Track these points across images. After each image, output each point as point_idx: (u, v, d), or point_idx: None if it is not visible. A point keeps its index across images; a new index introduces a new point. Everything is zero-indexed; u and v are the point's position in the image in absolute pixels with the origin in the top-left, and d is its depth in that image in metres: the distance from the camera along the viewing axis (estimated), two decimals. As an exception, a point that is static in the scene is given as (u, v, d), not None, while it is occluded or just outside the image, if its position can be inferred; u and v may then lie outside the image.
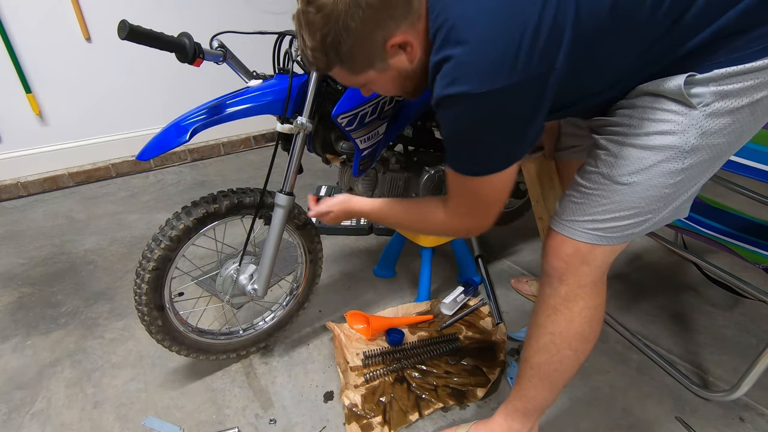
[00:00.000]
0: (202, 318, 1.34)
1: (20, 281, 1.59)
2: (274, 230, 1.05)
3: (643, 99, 0.66)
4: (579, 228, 0.74)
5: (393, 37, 0.64)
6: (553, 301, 0.79)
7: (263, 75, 1.02)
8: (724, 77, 0.59)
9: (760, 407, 1.11)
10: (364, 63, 0.68)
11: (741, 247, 1.18)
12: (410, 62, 0.68)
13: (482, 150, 0.67)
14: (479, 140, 0.65)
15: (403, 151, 1.31)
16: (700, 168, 0.66)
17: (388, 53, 0.66)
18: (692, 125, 0.62)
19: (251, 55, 1.42)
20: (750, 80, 0.58)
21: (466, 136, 0.66)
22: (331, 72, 0.71)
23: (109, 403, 1.13)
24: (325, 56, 0.66)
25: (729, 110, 0.61)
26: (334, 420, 1.08)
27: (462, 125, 0.64)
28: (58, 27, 2.10)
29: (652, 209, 0.70)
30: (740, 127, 0.63)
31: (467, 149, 0.68)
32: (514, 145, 0.66)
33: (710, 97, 0.60)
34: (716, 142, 0.63)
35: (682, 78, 0.60)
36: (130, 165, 2.48)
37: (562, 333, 0.79)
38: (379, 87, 0.75)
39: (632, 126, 0.66)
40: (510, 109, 0.61)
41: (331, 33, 0.63)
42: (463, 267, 1.56)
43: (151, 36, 0.80)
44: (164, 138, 0.90)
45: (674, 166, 0.65)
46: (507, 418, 0.94)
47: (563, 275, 0.76)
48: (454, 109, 0.62)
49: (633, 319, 1.41)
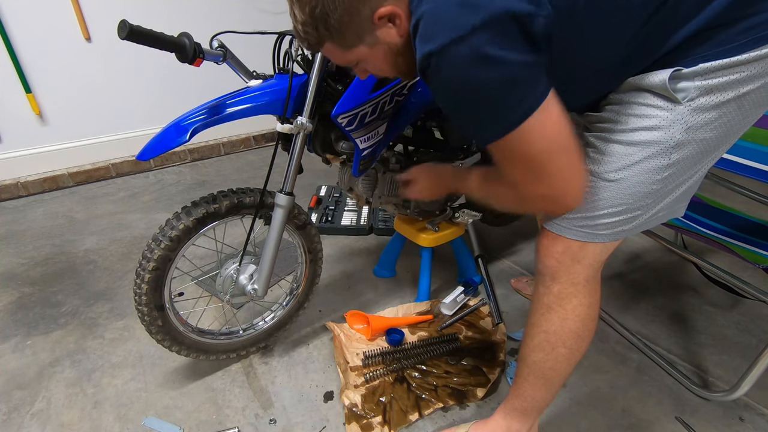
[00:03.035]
0: (202, 318, 1.34)
1: (20, 281, 1.59)
2: (274, 230, 1.05)
3: (630, 94, 0.65)
4: (569, 225, 0.74)
5: (380, 8, 0.63)
6: (546, 300, 0.79)
7: (263, 75, 1.02)
8: (709, 71, 0.58)
9: (760, 407, 1.11)
10: (353, 37, 0.67)
11: (741, 247, 1.18)
12: (400, 36, 0.66)
13: (494, 99, 0.59)
14: (483, 89, 0.58)
15: (403, 151, 1.31)
16: (688, 163, 0.66)
17: (376, 26, 0.65)
18: (677, 120, 0.62)
19: (251, 55, 1.42)
20: (736, 74, 0.58)
21: (468, 92, 0.59)
22: (322, 49, 0.70)
23: (109, 403, 1.13)
24: (315, 30, 0.66)
25: (714, 105, 0.60)
26: (334, 420, 1.08)
27: (456, 82, 0.59)
28: (58, 27, 2.10)
29: (640, 205, 0.69)
30: (728, 122, 0.62)
31: (478, 107, 0.61)
32: (525, 83, 0.59)
33: (695, 91, 0.60)
34: (703, 137, 0.63)
35: (668, 72, 0.60)
36: (130, 165, 2.48)
37: (556, 331, 0.80)
38: (372, 65, 0.73)
39: (618, 122, 0.66)
40: (494, 46, 0.55)
41: (319, 4, 0.62)
42: (463, 267, 1.56)
43: (151, 36, 0.80)
44: (164, 138, 0.90)
45: (660, 161, 0.65)
46: (506, 417, 0.94)
47: (555, 274, 0.77)
48: (440, 70, 0.58)
49: (633, 319, 1.41)
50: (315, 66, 0.97)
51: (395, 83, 1.04)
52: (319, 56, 0.96)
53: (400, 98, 1.08)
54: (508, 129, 0.61)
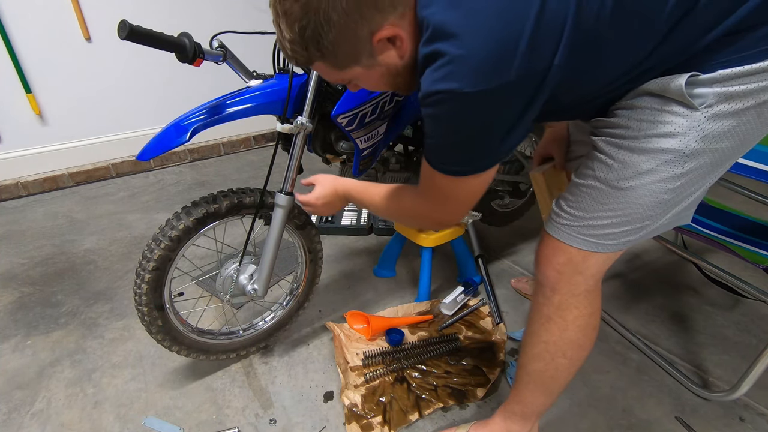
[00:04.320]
0: (202, 318, 1.34)
1: (20, 281, 1.59)
2: (274, 230, 1.05)
3: (643, 99, 0.62)
4: (573, 233, 0.71)
5: (380, 30, 0.58)
6: (546, 310, 0.77)
7: (263, 75, 1.02)
8: (729, 78, 0.56)
9: (760, 407, 1.11)
10: (348, 58, 0.62)
11: (741, 247, 1.18)
12: (400, 57, 0.62)
13: (466, 150, 0.62)
14: (465, 139, 0.61)
15: (403, 151, 1.31)
16: (701, 172, 0.63)
17: (375, 48, 0.60)
18: (693, 127, 0.59)
19: (251, 55, 1.42)
20: (756, 81, 0.55)
21: (453, 135, 0.61)
22: (312, 66, 0.65)
23: (109, 403, 1.13)
24: (305, 50, 0.60)
25: (733, 112, 0.57)
26: (334, 420, 1.08)
27: (450, 123, 0.60)
28: (58, 27, 2.10)
29: (649, 215, 0.67)
30: (745, 131, 0.59)
31: (451, 148, 0.64)
32: (500, 146, 0.62)
33: (713, 98, 0.57)
34: (718, 147, 0.60)
35: (684, 78, 0.57)
36: (130, 165, 2.48)
37: (556, 342, 0.78)
38: (366, 83, 0.69)
39: (630, 128, 0.63)
40: (502, 108, 0.57)
41: (311, 25, 0.57)
42: (463, 267, 1.56)
43: (151, 36, 0.80)
44: (164, 138, 0.90)
45: (673, 170, 0.62)
46: (506, 420, 0.94)
47: (556, 285, 0.75)
48: (442, 106, 0.58)
49: (633, 319, 1.41)
50: (315, 66, 0.97)
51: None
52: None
53: (400, 98, 1.08)
54: (459, 174, 0.66)
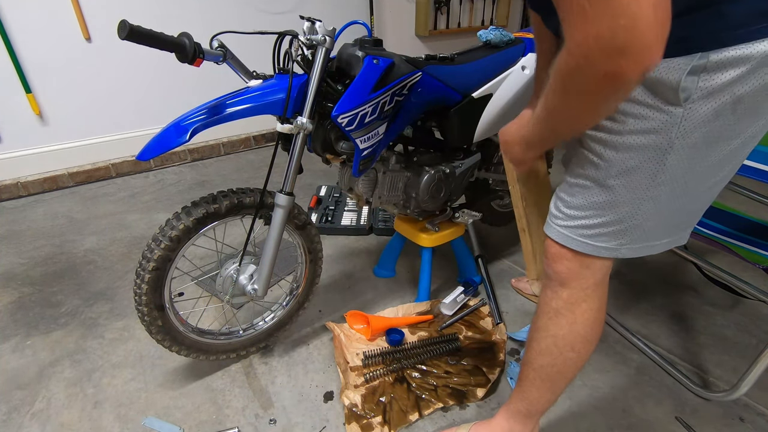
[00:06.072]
0: (202, 318, 1.34)
1: (20, 281, 1.59)
2: (274, 230, 1.05)
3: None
4: (570, 233, 0.72)
5: None
6: (555, 304, 0.78)
7: (263, 75, 1.02)
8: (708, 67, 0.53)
9: (760, 407, 1.11)
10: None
11: (741, 247, 1.18)
12: None
13: None
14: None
15: (403, 151, 1.31)
16: (684, 168, 0.62)
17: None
18: (674, 123, 0.58)
19: (251, 55, 1.42)
20: (736, 70, 0.52)
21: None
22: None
23: (109, 403, 1.13)
24: None
25: (713, 108, 0.56)
26: (334, 420, 1.08)
27: None
28: (58, 27, 2.10)
29: (635, 213, 0.67)
30: (720, 126, 0.58)
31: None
32: None
33: (696, 92, 0.55)
34: (694, 142, 0.59)
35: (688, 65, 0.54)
36: (130, 165, 2.48)
37: (565, 336, 0.79)
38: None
39: (616, 120, 0.62)
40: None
41: None
42: (463, 267, 1.56)
43: (151, 36, 0.80)
44: (164, 138, 0.90)
45: (655, 167, 0.62)
46: (509, 419, 0.94)
47: (565, 280, 0.76)
48: None
49: (633, 319, 1.41)
50: (315, 66, 0.97)
51: (395, 83, 1.04)
52: (320, 56, 0.96)
53: (400, 98, 1.08)
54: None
